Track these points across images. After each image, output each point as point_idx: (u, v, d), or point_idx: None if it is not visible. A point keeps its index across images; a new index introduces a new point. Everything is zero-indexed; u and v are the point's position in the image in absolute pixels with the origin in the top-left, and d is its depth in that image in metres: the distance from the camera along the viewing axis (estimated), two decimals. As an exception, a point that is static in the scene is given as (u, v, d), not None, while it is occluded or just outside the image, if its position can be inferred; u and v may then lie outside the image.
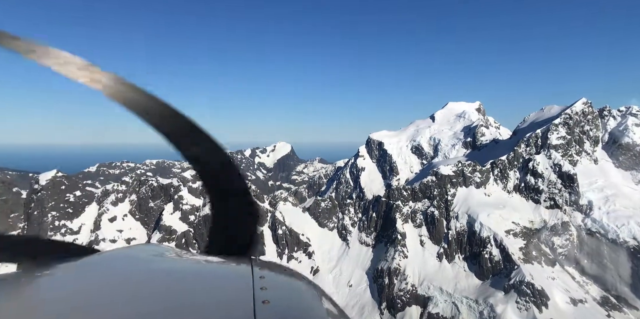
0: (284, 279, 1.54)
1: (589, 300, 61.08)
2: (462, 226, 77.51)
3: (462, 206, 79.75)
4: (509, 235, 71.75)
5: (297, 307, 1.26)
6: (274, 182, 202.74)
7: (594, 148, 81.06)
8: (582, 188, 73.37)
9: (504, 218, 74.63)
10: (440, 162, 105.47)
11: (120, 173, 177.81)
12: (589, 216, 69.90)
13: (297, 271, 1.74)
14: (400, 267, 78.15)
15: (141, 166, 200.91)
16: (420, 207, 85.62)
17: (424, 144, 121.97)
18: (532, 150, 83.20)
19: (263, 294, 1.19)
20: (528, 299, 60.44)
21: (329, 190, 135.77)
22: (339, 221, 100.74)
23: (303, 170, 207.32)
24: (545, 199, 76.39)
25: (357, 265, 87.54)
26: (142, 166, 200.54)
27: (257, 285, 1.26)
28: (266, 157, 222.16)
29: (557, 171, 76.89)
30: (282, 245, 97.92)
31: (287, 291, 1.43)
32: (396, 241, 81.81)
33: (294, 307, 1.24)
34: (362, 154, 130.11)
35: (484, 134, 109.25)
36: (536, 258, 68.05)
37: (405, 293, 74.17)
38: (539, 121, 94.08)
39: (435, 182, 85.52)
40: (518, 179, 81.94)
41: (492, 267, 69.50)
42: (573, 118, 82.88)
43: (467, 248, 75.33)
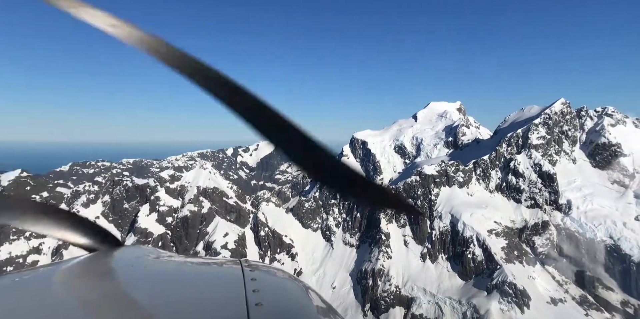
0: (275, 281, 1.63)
1: (568, 299, 61.88)
2: (446, 226, 77.37)
3: (446, 206, 79.64)
4: (491, 234, 72.02)
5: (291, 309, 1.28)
6: (257, 182, 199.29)
7: (573, 148, 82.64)
8: (561, 188, 74.51)
9: (486, 218, 74.93)
10: (423, 162, 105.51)
11: (94, 172, 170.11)
12: (567, 216, 71.01)
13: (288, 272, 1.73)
14: (384, 268, 77.31)
15: (117, 165, 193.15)
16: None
17: (407, 143, 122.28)
18: (513, 149, 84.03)
19: (255, 296, 1.21)
20: (510, 300, 60.60)
21: (313, 189, 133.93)
22: (323, 222, 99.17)
23: (287, 169, 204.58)
24: (526, 198, 77.19)
25: (341, 266, 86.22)
26: (118, 166, 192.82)
27: (249, 288, 1.28)
28: (249, 155, 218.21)
29: (538, 171, 77.83)
30: (264, 246, 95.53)
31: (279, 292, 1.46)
32: (380, 241, 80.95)
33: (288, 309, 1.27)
34: (346, 153, 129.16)
35: (465, 134, 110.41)
36: (517, 258, 68.53)
37: (389, 294, 73.36)
38: (519, 121, 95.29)
39: (419, 182, 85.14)
40: (500, 179, 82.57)
41: (475, 267, 69.55)
42: (552, 118, 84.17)
43: (450, 248, 75.22)
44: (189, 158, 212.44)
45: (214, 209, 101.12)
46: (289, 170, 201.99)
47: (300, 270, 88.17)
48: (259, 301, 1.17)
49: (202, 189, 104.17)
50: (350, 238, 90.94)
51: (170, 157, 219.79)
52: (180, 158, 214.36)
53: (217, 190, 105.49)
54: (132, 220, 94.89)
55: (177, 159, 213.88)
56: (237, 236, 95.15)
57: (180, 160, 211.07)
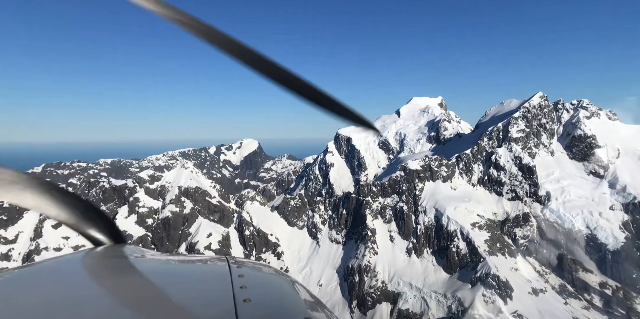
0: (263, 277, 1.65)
1: (548, 289, 63.37)
2: (430, 220, 77.88)
3: (430, 200, 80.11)
4: (475, 227, 72.93)
5: (279, 304, 1.31)
6: (241, 180, 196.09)
7: (551, 140, 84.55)
8: (540, 180, 76.14)
9: (470, 211, 75.81)
10: (407, 157, 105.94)
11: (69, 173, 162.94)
12: (547, 207, 72.68)
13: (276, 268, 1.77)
14: (370, 264, 77.27)
15: (94, 166, 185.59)
16: (390, 202, 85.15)
17: (391, 139, 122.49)
18: (494, 143, 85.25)
19: (243, 293, 1.23)
20: (494, 292, 61.49)
21: (298, 187, 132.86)
22: (309, 220, 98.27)
23: (271, 167, 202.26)
24: (507, 191, 78.56)
25: (327, 264, 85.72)
26: (94, 166, 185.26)
27: (236, 284, 1.31)
28: (232, 154, 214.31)
29: (518, 164, 79.25)
30: (249, 246, 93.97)
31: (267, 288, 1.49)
32: (366, 237, 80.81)
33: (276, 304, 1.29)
34: (330, 150, 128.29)
35: (446, 128, 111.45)
36: (500, 250, 69.68)
37: (375, 290, 73.39)
38: (499, 115, 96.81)
39: (404, 177, 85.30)
40: (482, 172, 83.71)
41: (459, 260, 70.31)
42: (531, 112, 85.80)
43: (435, 242, 75.80)
44: (170, 158, 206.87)
45: (197, 209, 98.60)
46: (273, 168, 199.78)
47: (286, 269, 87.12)
48: (247, 298, 1.19)
49: (184, 189, 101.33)
50: (336, 235, 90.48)
51: (151, 156, 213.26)
52: (160, 158, 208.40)
53: (199, 190, 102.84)
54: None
55: (158, 158, 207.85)
56: (221, 237, 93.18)
57: (161, 160, 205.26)
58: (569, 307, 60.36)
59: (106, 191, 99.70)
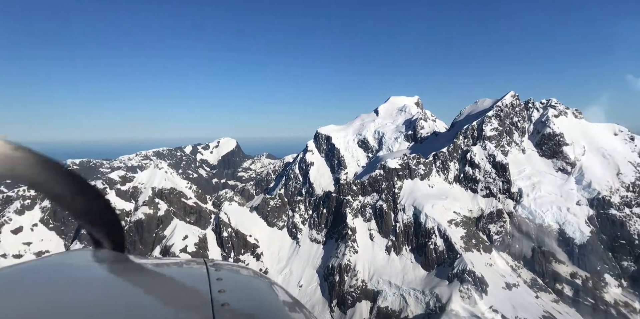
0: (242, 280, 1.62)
1: (520, 283, 65.64)
2: (409, 218, 78.81)
3: (409, 198, 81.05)
4: (451, 224, 74.42)
5: (258, 307, 1.28)
6: (219, 180, 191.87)
7: (522, 138, 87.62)
8: (513, 177, 78.70)
9: (446, 208, 77.29)
10: (386, 156, 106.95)
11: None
12: (519, 203, 75.25)
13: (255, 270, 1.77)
14: (350, 263, 77.33)
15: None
16: (370, 201, 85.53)
17: (370, 138, 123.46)
18: (470, 141, 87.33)
19: (222, 297, 1.20)
20: (470, 287, 62.93)
21: (277, 186, 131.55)
22: (289, 220, 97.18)
23: (250, 167, 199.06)
24: (482, 188, 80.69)
25: (307, 264, 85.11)
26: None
27: (214, 288, 1.27)
28: (209, 153, 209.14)
29: (492, 162, 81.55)
30: (227, 248, 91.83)
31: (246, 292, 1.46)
32: (347, 236, 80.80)
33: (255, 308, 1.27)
34: (310, 149, 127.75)
35: (423, 127, 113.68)
36: (475, 246, 71.49)
37: (355, 289, 73.54)
38: (473, 113, 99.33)
39: (383, 175, 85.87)
40: (458, 170, 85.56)
41: (436, 257, 71.53)
42: (503, 111, 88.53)
43: (413, 240, 76.79)
44: (143, 157, 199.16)
45: (172, 211, 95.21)
46: (252, 168, 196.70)
47: (265, 270, 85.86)
48: (226, 302, 1.16)
49: (158, 190, 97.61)
50: (317, 235, 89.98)
51: (123, 156, 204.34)
52: (133, 158, 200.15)
53: (174, 191, 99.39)
54: (77, 227, 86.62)
55: (131, 158, 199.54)
56: (197, 239, 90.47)
57: (133, 160, 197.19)
58: (539, 300, 62.76)
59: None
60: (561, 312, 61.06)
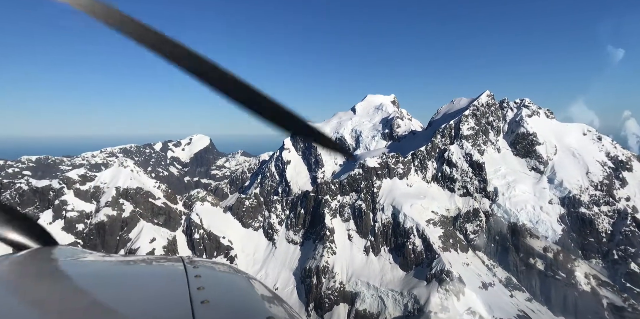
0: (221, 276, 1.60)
1: (496, 283, 66.26)
2: (388, 218, 77.70)
3: (387, 197, 79.92)
4: (429, 224, 73.99)
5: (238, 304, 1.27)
6: (191, 178, 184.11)
7: (497, 137, 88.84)
8: (488, 176, 79.46)
9: (425, 208, 76.80)
10: (365, 154, 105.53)
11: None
12: (495, 202, 76.07)
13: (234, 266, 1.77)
14: (328, 265, 75.23)
15: (14, 164, 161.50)
16: (348, 201, 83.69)
17: (347, 136, 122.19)
18: (447, 140, 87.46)
19: (201, 294, 1.19)
20: (448, 288, 62.55)
21: (252, 185, 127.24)
22: (265, 220, 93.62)
23: (224, 164, 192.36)
24: (459, 187, 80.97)
25: (284, 266, 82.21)
26: (15, 164, 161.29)
27: (193, 285, 1.26)
28: (181, 150, 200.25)
29: (469, 161, 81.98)
30: (199, 250, 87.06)
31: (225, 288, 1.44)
32: (324, 237, 78.57)
33: (235, 304, 1.25)
34: (287, 146, 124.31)
35: (399, 126, 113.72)
36: (452, 246, 71.45)
37: (333, 291, 71.56)
38: (450, 112, 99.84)
39: (362, 175, 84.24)
40: (435, 169, 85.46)
41: (415, 258, 70.83)
42: (480, 110, 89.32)
43: (392, 240, 75.78)
44: (108, 155, 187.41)
45: (138, 212, 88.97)
46: (226, 166, 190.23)
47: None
48: (205, 299, 1.15)
49: (122, 190, 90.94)
50: (293, 236, 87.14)
51: (86, 153, 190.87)
52: (98, 155, 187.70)
53: (140, 191, 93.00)
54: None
55: (94, 155, 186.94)
56: (166, 241, 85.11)
57: (98, 157, 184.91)
58: (514, 299, 63.52)
59: (24, 193, 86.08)
60: (534, 310, 62.07)
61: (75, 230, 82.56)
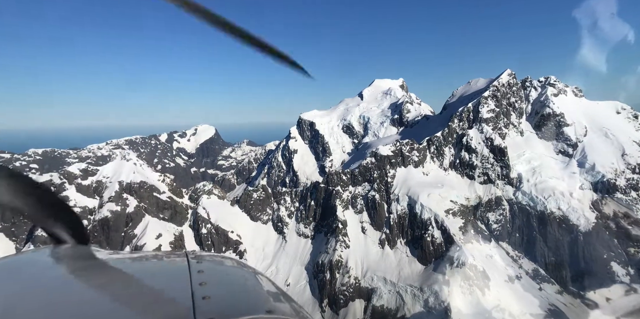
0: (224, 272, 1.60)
1: (523, 275, 61.92)
2: (403, 208, 73.20)
3: (402, 187, 75.14)
4: (449, 214, 69.35)
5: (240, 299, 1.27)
6: (197, 169, 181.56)
7: (520, 120, 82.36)
8: (511, 161, 73.78)
9: (443, 197, 71.97)
10: (375, 142, 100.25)
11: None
12: (519, 190, 70.72)
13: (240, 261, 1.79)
14: (342, 259, 71.64)
15: (21, 157, 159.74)
16: (361, 191, 79.17)
17: (354, 123, 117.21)
18: (465, 124, 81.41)
19: (203, 290, 1.18)
20: (472, 283, 58.60)
21: (259, 175, 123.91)
22: (274, 213, 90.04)
23: (230, 154, 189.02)
24: (479, 174, 75.62)
25: (295, 260, 78.98)
26: (22, 158, 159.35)
27: (195, 281, 1.26)
28: (186, 141, 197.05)
29: (489, 146, 76.19)
30: (207, 245, 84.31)
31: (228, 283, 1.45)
32: (337, 230, 74.72)
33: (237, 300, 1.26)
34: (293, 135, 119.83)
35: (409, 111, 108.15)
36: (474, 237, 66.93)
37: (348, 287, 68.20)
38: (467, 95, 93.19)
39: (375, 164, 79.25)
40: (453, 155, 79.92)
41: (434, 250, 66.66)
42: (500, 90, 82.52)
43: (408, 232, 71.54)
44: (114, 146, 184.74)
45: (143, 207, 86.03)
46: (232, 155, 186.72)
47: (250, 268, 79.42)
48: (206, 295, 1.15)
49: (126, 184, 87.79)
50: (304, 229, 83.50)
51: (92, 145, 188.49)
52: (103, 147, 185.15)
53: (145, 185, 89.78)
54: (31, 227, 76.54)
55: (100, 147, 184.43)
56: (173, 237, 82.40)
57: (104, 149, 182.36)
58: (543, 293, 59.25)
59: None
60: (566, 304, 57.82)
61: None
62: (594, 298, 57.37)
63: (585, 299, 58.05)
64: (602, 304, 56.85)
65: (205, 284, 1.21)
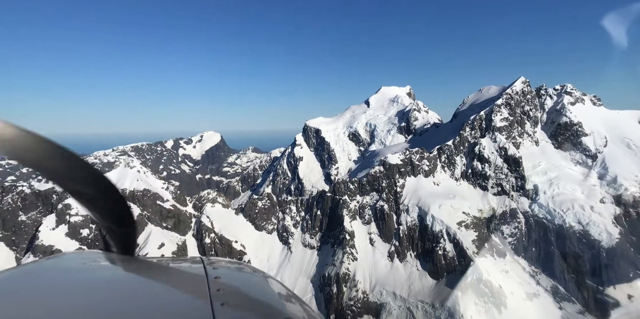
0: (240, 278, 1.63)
1: (541, 292, 58.54)
2: (413, 220, 70.45)
3: (412, 197, 72.51)
4: (461, 227, 66.42)
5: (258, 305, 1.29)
6: (203, 176, 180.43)
7: (534, 128, 79.64)
8: (526, 172, 70.88)
9: (455, 209, 69.14)
10: (383, 150, 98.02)
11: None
12: (535, 202, 67.66)
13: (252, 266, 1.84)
14: (349, 272, 68.83)
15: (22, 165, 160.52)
16: (369, 201, 76.63)
17: (361, 130, 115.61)
18: (477, 133, 78.87)
19: (221, 296, 1.20)
20: (487, 300, 55.43)
21: (264, 182, 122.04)
22: (279, 222, 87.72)
23: (235, 161, 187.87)
24: (493, 185, 72.77)
25: (300, 272, 76.27)
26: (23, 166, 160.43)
27: (212, 287, 1.28)
28: (192, 148, 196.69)
29: (503, 155, 73.47)
30: (210, 256, 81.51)
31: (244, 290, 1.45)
32: (344, 241, 72.10)
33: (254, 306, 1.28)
34: (299, 142, 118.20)
35: (417, 118, 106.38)
36: (488, 251, 63.80)
37: (355, 301, 65.24)
38: (478, 102, 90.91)
39: (383, 172, 76.84)
40: (465, 165, 77.25)
41: (446, 264, 63.64)
42: (514, 98, 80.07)
43: (419, 245, 68.65)
44: (120, 153, 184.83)
45: (145, 215, 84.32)
46: (237, 162, 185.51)
47: (254, 280, 76.85)
48: (225, 301, 1.16)
49: (129, 192, 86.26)
50: (310, 239, 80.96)
51: (98, 152, 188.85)
52: (110, 153, 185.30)
53: (148, 193, 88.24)
54: (32, 236, 75.04)
55: (106, 154, 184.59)
56: (176, 246, 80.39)
57: (110, 156, 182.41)
58: (564, 312, 55.81)
59: (26, 197, 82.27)
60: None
61: (79, 236, 78.46)
62: None
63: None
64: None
65: (222, 290, 1.22)
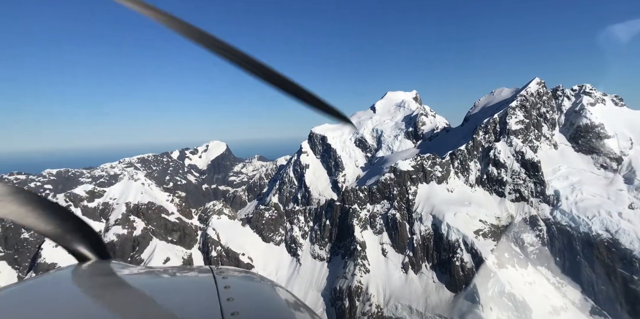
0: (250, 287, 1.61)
1: (569, 305, 54.45)
2: (427, 229, 67.08)
3: (426, 205, 69.27)
4: (479, 235, 62.88)
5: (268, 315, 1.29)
6: (209, 186, 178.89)
7: (552, 131, 76.14)
8: (546, 177, 67.27)
9: (471, 217, 65.68)
10: (392, 156, 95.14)
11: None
12: (557, 208, 63.89)
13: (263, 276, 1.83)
14: (362, 285, 65.46)
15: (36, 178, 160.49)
16: (380, 210, 73.53)
17: (367, 136, 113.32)
18: (491, 137, 75.68)
19: (231, 305, 1.19)
20: (511, 314, 51.55)
21: (271, 191, 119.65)
22: (287, 233, 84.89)
23: (241, 170, 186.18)
24: (510, 191, 69.24)
25: (310, 286, 73.03)
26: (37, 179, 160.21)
27: (223, 296, 1.28)
28: (198, 158, 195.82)
29: (520, 160, 70.06)
30: (217, 269, 79.35)
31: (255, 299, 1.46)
32: (355, 252, 68.91)
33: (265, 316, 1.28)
34: (305, 150, 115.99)
35: (424, 123, 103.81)
36: (509, 261, 60.02)
37: (369, 316, 61.70)
38: (490, 105, 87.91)
39: (394, 180, 73.86)
40: (480, 170, 73.91)
41: (464, 276, 59.96)
42: (529, 100, 76.92)
43: (434, 255, 65.13)
44: (127, 165, 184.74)
45: (150, 229, 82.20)
46: (243, 171, 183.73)
47: (262, 295, 73.72)
48: (235, 311, 1.16)
49: (133, 206, 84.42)
50: (319, 250, 77.85)
51: (105, 164, 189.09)
52: (116, 165, 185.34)
53: (152, 206, 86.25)
54: (35, 254, 73.24)
55: (113, 166, 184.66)
56: (181, 260, 78.04)
57: (116, 168, 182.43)
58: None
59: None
60: (625, 342, 50.04)
61: (84, 251, 76.71)
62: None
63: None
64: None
65: (232, 300, 1.21)
